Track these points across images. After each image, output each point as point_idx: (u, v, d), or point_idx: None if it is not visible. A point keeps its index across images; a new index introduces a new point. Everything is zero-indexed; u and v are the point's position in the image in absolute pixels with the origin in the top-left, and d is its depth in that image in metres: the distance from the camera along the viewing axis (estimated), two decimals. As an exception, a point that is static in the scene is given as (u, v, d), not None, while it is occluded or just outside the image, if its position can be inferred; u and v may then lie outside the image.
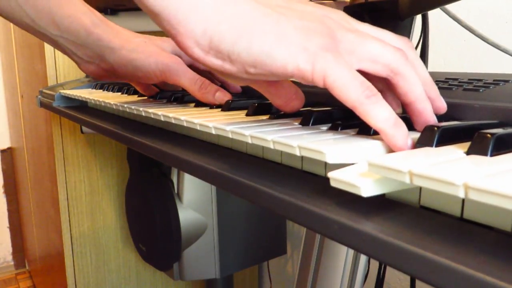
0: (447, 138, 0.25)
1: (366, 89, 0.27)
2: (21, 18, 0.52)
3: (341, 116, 0.35)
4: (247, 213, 1.08)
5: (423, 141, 0.26)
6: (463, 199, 0.20)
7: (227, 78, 0.33)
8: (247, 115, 0.39)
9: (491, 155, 0.22)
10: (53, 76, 1.12)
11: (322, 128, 0.32)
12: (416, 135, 0.27)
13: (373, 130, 0.29)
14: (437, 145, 0.25)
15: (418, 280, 0.30)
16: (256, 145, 0.33)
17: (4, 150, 2.04)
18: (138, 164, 1.05)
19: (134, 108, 0.48)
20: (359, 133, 0.29)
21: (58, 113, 0.75)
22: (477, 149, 0.22)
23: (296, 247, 1.36)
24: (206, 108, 0.48)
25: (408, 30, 0.64)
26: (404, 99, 0.30)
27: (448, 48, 0.94)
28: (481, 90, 0.35)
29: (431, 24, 0.66)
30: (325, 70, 0.28)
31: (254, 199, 0.27)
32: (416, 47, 0.66)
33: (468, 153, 0.23)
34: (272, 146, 0.28)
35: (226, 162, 0.32)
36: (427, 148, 0.25)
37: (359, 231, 0.20)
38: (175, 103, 0.53)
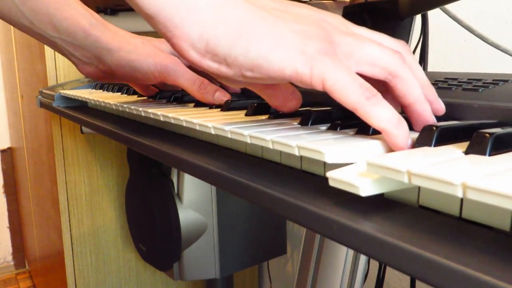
0: (446, 138, 0.25)
1: (366, 91, 0.27)
2: (19, 20, 0.52)
3: (340, 116, 0.35)
4: (247, 213, 1.08)
5: (422, 141, 0.26)
6: (462, 199, 0.20)
7: (224, 81, 0.33)
8: (246, 115, 0.39)
9: (490, 155, 0.22)
10: (53, 76, 1.12)
11: (321, 128, 0.32)
12: (416, 135, 0.27)
13: (372, 130, 0.29)
14: (436, 145, 0.25)
15: (418, 280, 0.30)
16: (255, 145, 0.33)
17: (4, 150, 2.04)
18: (138, 164, 1.05)
19: (134, 108, 0.48)
20: (358, 133, 0.29)
21: (58, 113, 0.75)
22: (476, 149, 0.22)
23: (296, 247, 1.36)
24: (206, 108, 0.48)
25: (408, 30, 0.64)
26: (403, 101, 0.30)
27: (448, 48, 0.94)
28: (480, 90, 0.35)
29: (431, 24, 0.66)
30: (324, 74, 0.28)
31: (254, 199, 0.27)
32: (416, 47, 0.66)
33: (467, 153, 0.23)
34: (271, 146, 0.28)
35: (226, 162, 0.32)
36: (426, 148, 0.25)
37: (358, 231, 0.20)
38: (175, 103, 0.53)
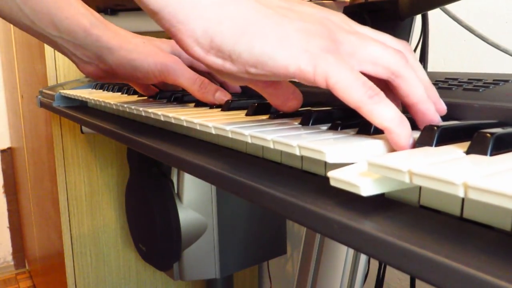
0: (447, 138, 0.25)
1: (369, 89, 0.27)
2: (20, 19, 0.52)
3: (341, 116, 0.35)
4: (247, 213, 1.08)
5: (423, 141, 0.26)
6: (463, 199, 0.20)
7: (226, 78, 0.33)
8: (247, 115, 0.39)
9: (491, 155, 0.22)
10: (53, 76, 1.12)
11: (322, 128, 0.32)
12: (417, 134, 0.27)
13: (373, 130, 0.29)
14: (437, 145, 0.25)
15: (418, 280, 0.30)
16: (256, 145, 0.33)
17: (4, 150, 2.04)
18: (138, 164, 1.05)
19: (134, 108, 0.48)
20: (359, 133, 0.29)
21: (58, 113, 0.75)
22: (477, 149, 0.22)
23: (296, 247, 1.36)
24: (206, 108, 0.48)
25: (408, 30, 0.64)
26: (407, 101, 0.30)
27: (448, 48, 0.94)
28: (481, 90, 0.35)
29: (431, 24, 0.66)
30: (327, 72, 0.28)
31: (254, 199, 0.27)
32: (416, 47, 0.66)
33: (468, 153, 0.23)
34: (272, 146, 0.28)
35: (226, 162, 0.32)
36: (427, 148, 0.25)
37: (359, 231, 0.20)
38: (175, 103, 0.53)
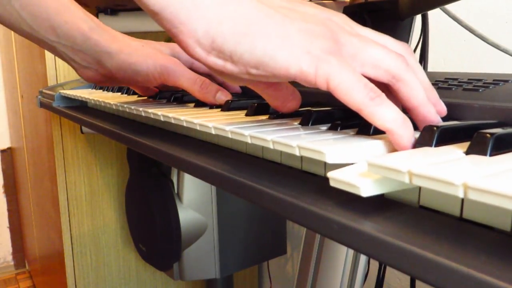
0: (447, 138, 0.25)
1: (371, 91, 0.27)
2: (19, 25, 0.52)
3: (341, 116, 0.35)
4: (247, 213, 1.08)
5: (423, 141, 0.26)
6: (463, 199, 0.20)
7: (227, 79, 0.33)
8: (247, 115, 0.39)
9: (491, 155, 0.22)
10: (53, 76, 1.12)
11: (322, 128, 0.32)
12: (417, 135, 0.27)
13: (373, 130, 0.29)
14: (437, 145, 0.25)
15: (418, 280, 0.30)
16: (256, 145, 0.33)
17: (4, 150, 2.04)
18: (138, 164, 1.05)
19: (134, 108, 0.48)
20: (359, 133, 0.29)
21: (58, 113, 0.75)
22: (477, 149, 0.22)
23: (296, 247, 1.36)
24: (206, 108, 0.48)
25: (408, 30, 0.64)
26: (407, 104, 0.30)
27: (448, 48, 0.94)
28: (481, 90, 0.35)
29: (431, 24, 0.66)
30: (329, 74, 0.28)
31: (254, 199, 0.27)
32: (416, 47, 0.66)
33: (468, 153, 0.23)
34: (272, 146, 0.28)
35: (226, 162, 0.32)
36: (427, 148, 0.25)
37: (359, 231, 0.20)
38: (175, 103, 0.53)
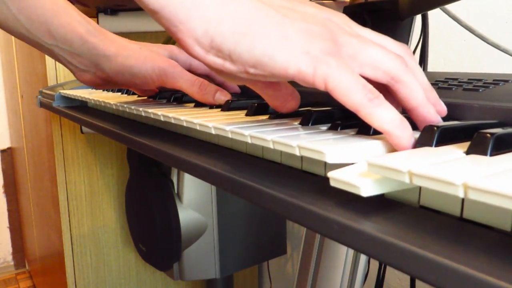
0: (447, 138, 0.25)
1: (369, 92, 0.27)
2: (17, 29, 0.52)
3: (341, 116, 0.35)
4: (247, 213, 1.08)
5: (423, 141, 0.26)
6: (463, 199, 0.20)
7: (226, 78, 0.33)
8: (247, 115, 0.39)
9: (491, 155, 0.22)
10: (53, 76, 1.12)
11: (322, 128, 0.32)
12: (418, 134, 0.27)
13: (373, 130, 0.29)
14: (437, 145, 0.25)
15: (418, 280, 0.30)
16: (256, 145, 0.33)
17: (4, 150, 2.04)
18: (138, 164, 1.05)
19: (134, 108, 0.48)
20: (359, 133, 0.29)
21: (58, 113, 0.75)
22: (477, 149, 0.22)
23: (296, 247, 1.36)
24: (206, 108, 0.48)
25: (408, 30, 0.64)
26: (406, 105, 0.30)
27: (448, 48, 0.94)
28: (481, 90, 0.35)
29: (431, 24, 0.66)
30: (327, 74, 0.28)
31: (254, 199, 0.27)
32: (416, 47, 0.66)
33: (468, 153, 0.23)
34: (272, 146, 0.28)
35: (226, 162, 0.32)
36: (427, 148, 0.25)
37: (359, 231, 0.20)
38: (175, 103, 0.53)
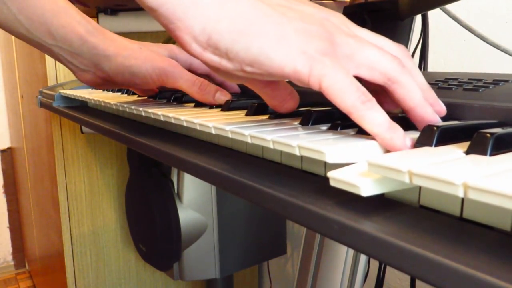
0: (447, 138, 0.25)
1: (362, 95, 0.28)
2: (17, 29, 0.52)
3: (341, 116, 0.34)
4: (247, 213, 1.08)
5: (423, 141, 0.26)
6: (463, 199, 0.20)
7: (223, 76, 0.33)
8: (247, 115, 0.39)
9: (491, 155, 0.22)
10: (53, 76, 1.12)
11: (322, 128, 0.32)
12: (417, 135, 0.27)
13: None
14: (437, 145, 0.25)
15: (418, 280, 0.30)
16: (256, 145, 0.33)
17: (4, 150, 2.04)
18: (138, 164, 1.05)
19: (134, 108, 0.48)
20: (359, 133, 0.29)
21: (58, 113, 0.75)
22: (477, 149, 0.22)
23: (296, 247, 1.36)
24: (206, 108, 0.48)
25: (408, 30, 0.64)
26: (404, 106, 0.30)
27: (448, 48, 0.94)
28: (481, 90, 0.35)
29: (431, 24, 0.66)
30: (322, 75, 0.28)
31: (254, 199, 0.27)
32: (416, 47, 0.66)
33: (468, 153, 0.23)
34: (272, 146, 0.28)
35: (226, 162, 0.32)
36: (427, 148, 0.25)
37: (359, 231, 0.20)
38: (175, 103, 0.53)
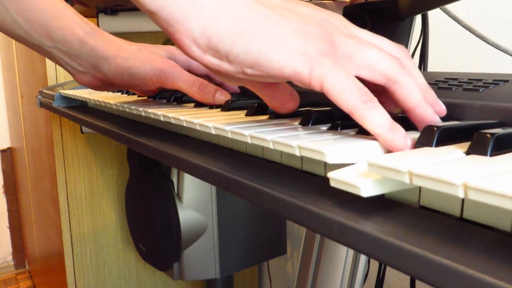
0: (447, 138, 0.25)
1: (364, 95, 0.28)
2: (15, 31, 0.52)
3: (341, 116, 0.34)
4: (247, 213, 1.08)
5: (423, 141, 0.26)
6: (463, 199, 0.20)
7: (224, 78, 0.33)
8: (247, 115, 0.39)
9: (491, 155, 0.22)
10: (53, 76, 1.12)
11: (322, 128, 0.32)
12: (417, 135, 0.27)
13: (373, 130, 0.29)
14: (437, 145, 0.25)
15: (418, 280, 0.30)
16: (256, 145, 0.33)
17: (4, 150, 2.04)
18: (138, 164, 1.05)
19: (134, 108, 0.48)
20: (359, 133, 0.29)
21: (58, 113, 0.75)
22: (477, 149, 0.22)
23: (296, 247, 1.36)
24: (206, 108, 0.48)
25: (408, 30, 0.64)
26: (404, 106, 0.30)
27: (448, 48, 0.94)
28: (481, 90, 0.35)
29: (431, 24, 0.66)
30: (323, 76, 0.28)
31: (254, 199, 0.27)
32: (416, 47, 0.66)
33: (468, 153, 0.23)
34: (272, 146, 0.28)
35: (226, 162, 0.32)
36: (427, 148, 0.25)
37: (359, 231, 0.20)
38: (175, 103, 0.53)
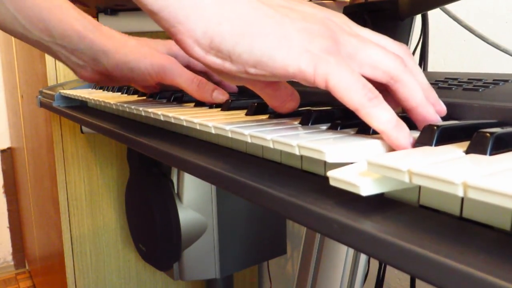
0: (447, 138, 0.25)
1: (369, 92, 0.27)
2: (14, 27, 0.52)
3: (341, 116, 0.35)
4: (247, 213, 1.08)
5: (423, 140, 0.26)
6: (462, 198, 0.20)
7: (225, 78, 0.33)
8: (247, 115, 0.39)
9: (490, 154, 0.22)
10: (53, 76, 1.12)
11: (322, 128, 0.32)
12: (417, 134, 0.27)
13: (373, 130, 0.29)
14: (437, 144, 0.25)
15: (418, 280, 0.30)
16: (256, 145, 0.33)
17: (4, 150, 2.04)
18: (138, 164, 1.05)
19: (134, 108, 0.48)
20: (359, 133, 0.30)
21: (58, 113, 0.75)
22: (476, 148, 0.22)
23: (296, 247, 1.36)
24: (206, 108, 0.48)
25: (408, 30, 0.64)
26: (406, 105, 0.30)
27: (448, 48, 0.94)
28: (481, 90, 0.35)
29: (431, 24, 0.66)
30: (328, 73, 0.28)
31: (254, 199, 0.27)
32: (416, 47, 0.66)
33: (467, 152, 0.23)
34: (272, 146, 0.28)
35: (226, 162, 0.32)
36: (427, 147, 0.25)
37: (359, 230, 0.20)
38: (175, 103, 0.53)
